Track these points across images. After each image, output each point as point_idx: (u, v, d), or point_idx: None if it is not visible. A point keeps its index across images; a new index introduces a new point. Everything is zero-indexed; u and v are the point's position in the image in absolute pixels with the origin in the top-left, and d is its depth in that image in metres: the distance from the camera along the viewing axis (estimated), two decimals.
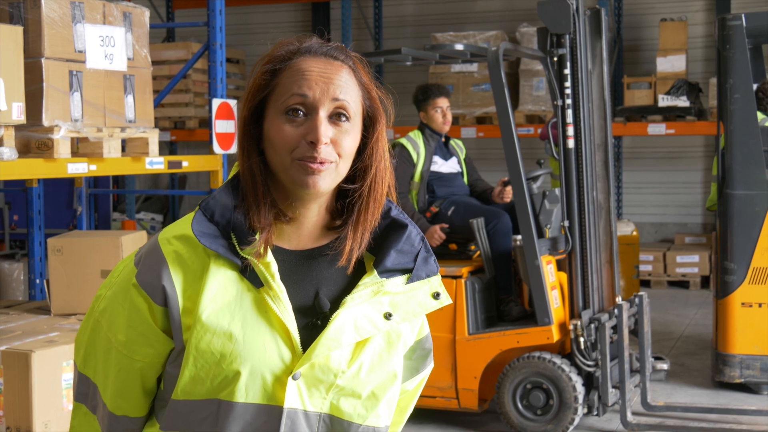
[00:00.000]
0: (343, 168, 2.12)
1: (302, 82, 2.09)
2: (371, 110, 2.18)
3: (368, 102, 2.18)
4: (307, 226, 2.18)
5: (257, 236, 2.09)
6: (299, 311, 2.12)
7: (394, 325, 2.17)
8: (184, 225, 2.15)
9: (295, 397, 2.08)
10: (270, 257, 2.10)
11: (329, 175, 2.09)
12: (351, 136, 2.12)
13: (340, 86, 2.11)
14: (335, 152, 2.09)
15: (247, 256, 2.08)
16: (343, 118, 2.10)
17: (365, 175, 2.16)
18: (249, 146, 2.14)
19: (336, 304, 2.14)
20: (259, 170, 2.12)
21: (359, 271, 2.20)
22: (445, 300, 2.23)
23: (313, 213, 2.17)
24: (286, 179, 2.10)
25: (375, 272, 2.17)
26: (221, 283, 2.09)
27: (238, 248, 2.09)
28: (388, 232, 2.23)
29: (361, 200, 2.16)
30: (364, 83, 2.18)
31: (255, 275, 2.09)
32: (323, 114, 2.08)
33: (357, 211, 2.16)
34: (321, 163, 2.06)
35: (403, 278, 2.19)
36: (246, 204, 2.12)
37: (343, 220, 2.19)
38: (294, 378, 2.07)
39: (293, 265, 2.16)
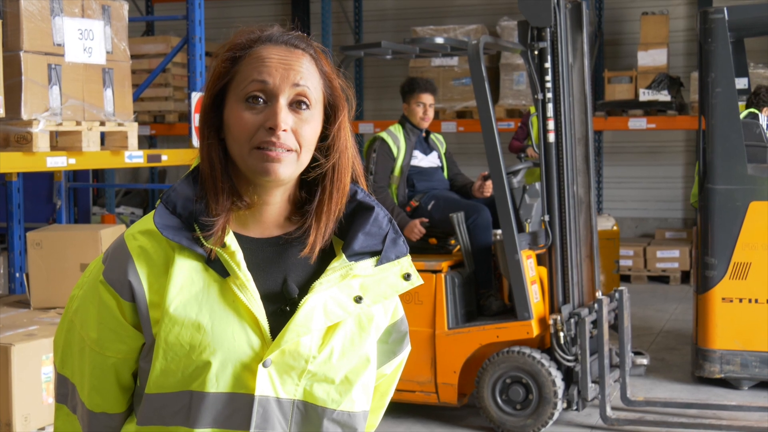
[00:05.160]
0: (305, 157, 2.11)
1: (262, 68, 2.08)
2: (332, 99, 2.17)
3: (329, 91, 2.16)
4: (271, 213, 2.17)
5: (216, 223, 2.09)
6: (267, 298, 2.11)
7: (365, 308, 2.17)
8: (148, 220, 2.14)
9: (267, 385, 2.07)
10: (235, 246, 2.09)
11: (290, 165, 2.08)
12: (311, 125, 2.11)
13: (301, 72, 2.10)
14: (296, 141, 2.08)
15: (211, 246, 2.08)
16: (304, 106, 2.09)
17: (328, 165, 2.15)
18: (209, 134, 2.13)
19: (305, 289, 2.13)
20: (218, 157, 2.11)
21: (328, 256, 2.19)
22: (416, 281, 2.22)
23: (276, 200, 2.16)
24: (246, 168, 2.09)
25: (344, 256, 2.16)
26: (187, 275, 2.08)
27: (202, 239, 2.08)
28: (355, 216, 2.22)
29: (324, 191, 2.15)
30: (326, 72, 2.16)
31: (221, 265, 2.09)
32: (283, 101, 2.07)
33: (320, 202, 2.16)
34: (281, 150, 2.05)
35: (372, 261, 2.19)
36: (205, 192, 2.11)
37: (307, 208, 2.18)
38: (264, 365, 2.06)
39: (260, 253, 2.15)
